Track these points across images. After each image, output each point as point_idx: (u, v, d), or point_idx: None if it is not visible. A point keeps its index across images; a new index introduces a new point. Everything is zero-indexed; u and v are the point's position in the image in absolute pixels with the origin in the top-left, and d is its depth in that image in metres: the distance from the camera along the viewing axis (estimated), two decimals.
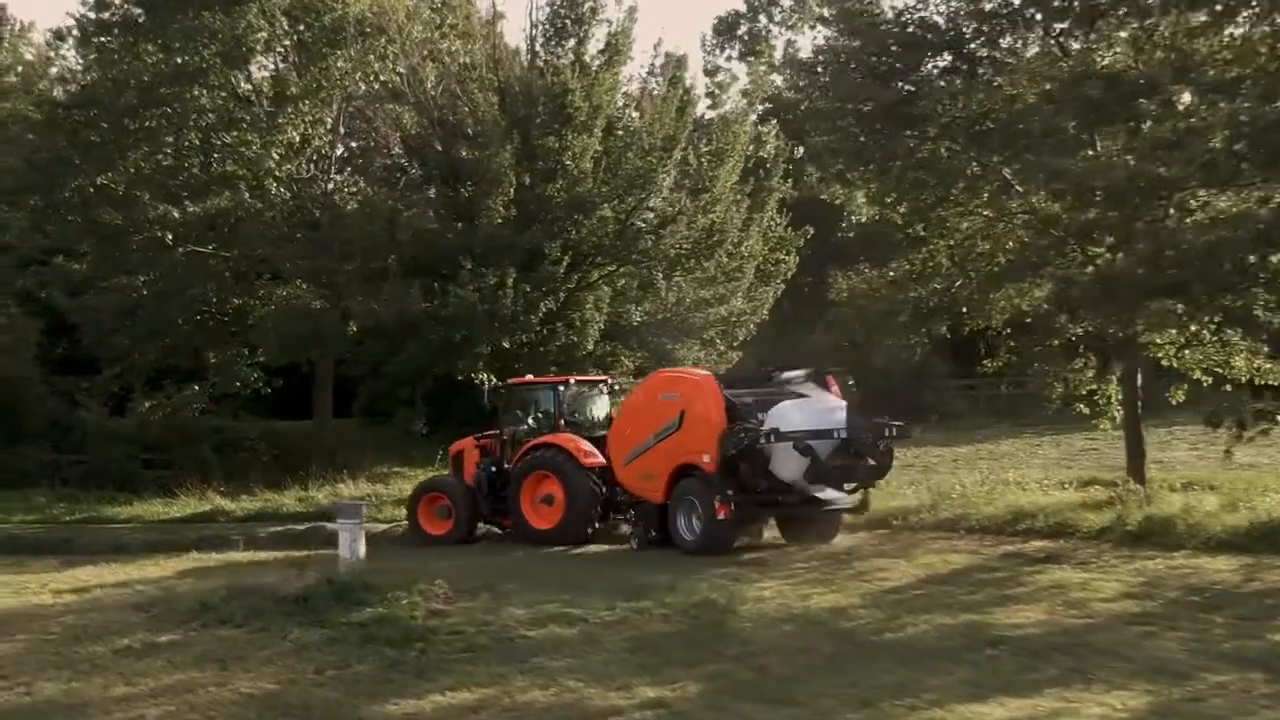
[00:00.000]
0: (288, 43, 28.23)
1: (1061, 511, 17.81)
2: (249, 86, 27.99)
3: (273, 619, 13.11)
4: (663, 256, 24.20)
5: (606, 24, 25.07)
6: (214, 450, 29.45)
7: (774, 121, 30.68)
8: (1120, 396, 18.11)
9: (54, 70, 41.07)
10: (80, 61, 36.02)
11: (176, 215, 26.63)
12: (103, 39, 28.83)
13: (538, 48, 25.30)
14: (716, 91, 29.66)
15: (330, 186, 27.65)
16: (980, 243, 18.16)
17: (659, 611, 13.05)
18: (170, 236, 27.53)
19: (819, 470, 16.14)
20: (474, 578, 14.84)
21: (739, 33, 39.45)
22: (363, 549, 15.14)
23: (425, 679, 10.95)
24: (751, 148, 26.14)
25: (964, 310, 18.70)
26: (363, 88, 27.73)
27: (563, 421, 19.08)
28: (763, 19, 39.98)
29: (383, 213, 24.63)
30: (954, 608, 12.73)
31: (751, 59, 38.87)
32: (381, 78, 27.92)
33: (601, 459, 18.31)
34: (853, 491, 17.29)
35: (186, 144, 28.51)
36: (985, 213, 17.82)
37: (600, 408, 20.18)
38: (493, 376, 26.14)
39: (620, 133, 24.53)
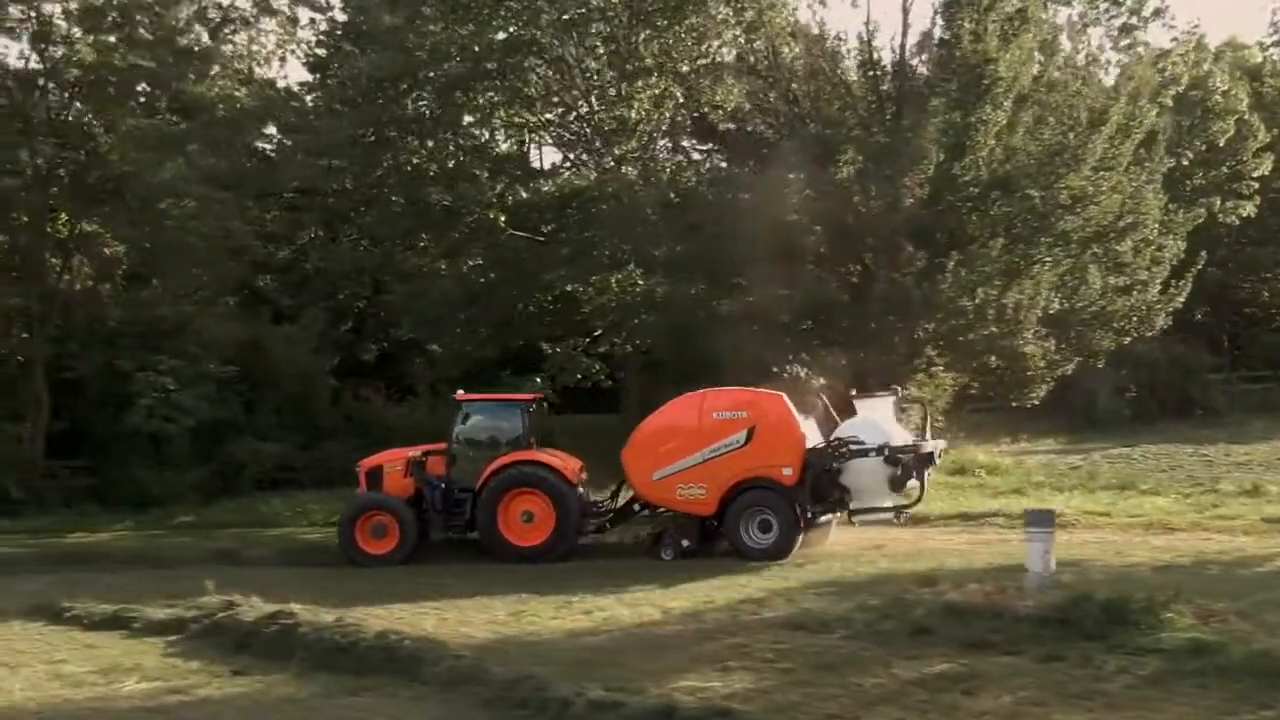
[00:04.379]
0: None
1: None
2: (588, 59, 26.08)
3: (1041, 644, 11.20)
4: (1081, 239, 22.29)
5: None
6: None
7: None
8: None
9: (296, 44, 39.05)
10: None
11: (524, 195, 24.76)
12: (422, 8, 26.96)
13: (936, 17, 23.37)
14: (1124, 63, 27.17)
15: (682, 164, 25.77)
16: None
17: None
18: (503, 218, 25.74)
19: (903, 480, 17.86)
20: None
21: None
22: (1054, 562, 13.24)
23: None
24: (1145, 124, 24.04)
25: None
26: (708, 59, 25.81)
27: (532, 440, 19.57)
28: None
29: (787, 192, 22.75)
30: None
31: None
32: (724, 50, 26.11)
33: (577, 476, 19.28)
34: None
35: (504, 121, 26.78)
36: None
37: (510, 428, 19.81)
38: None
39: (1036, 106, 22.60)
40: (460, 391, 20.63)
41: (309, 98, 36.01)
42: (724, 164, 30.08)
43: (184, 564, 19.47)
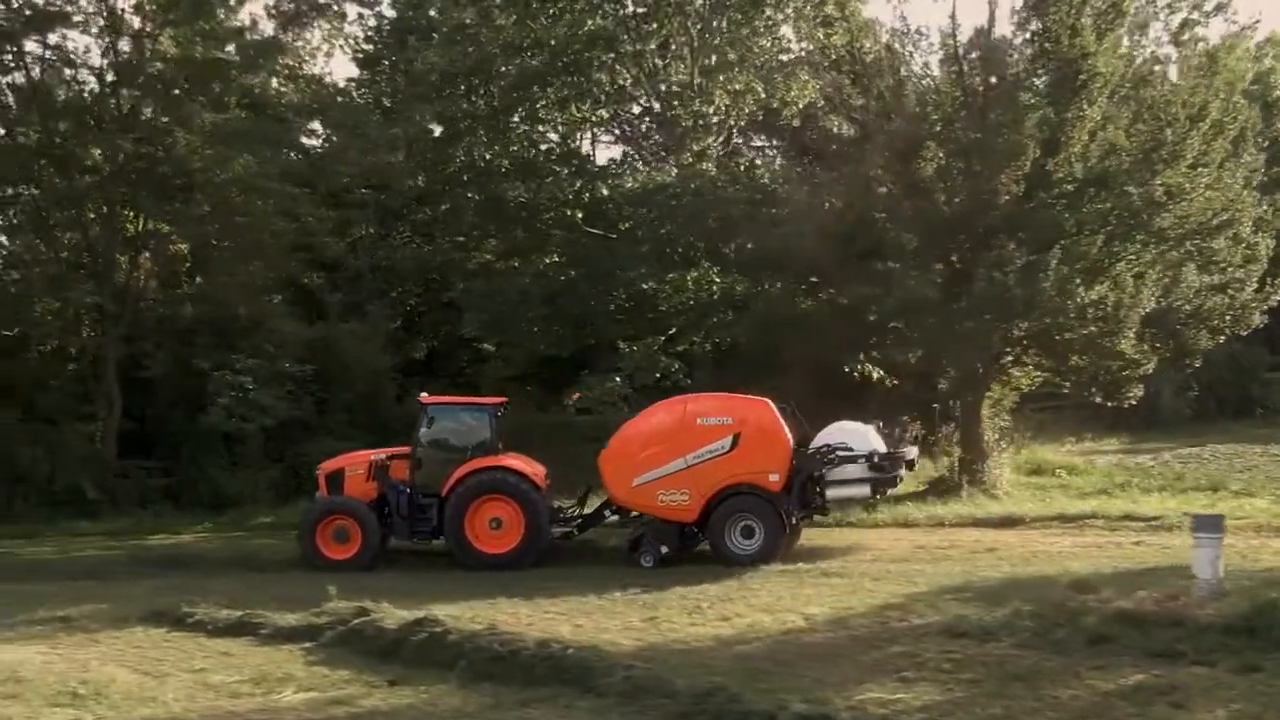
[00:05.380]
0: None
1: None
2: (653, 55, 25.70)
3: (1235, 655, 10.79)
4: (1176, 236, 21.91)
5: None
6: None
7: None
8: None
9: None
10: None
11: (605, 191, 24.42)
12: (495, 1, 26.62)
13: (1027, 11, 22.92)
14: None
15: (756, 160, 25.45)
16: None
17: None
18: (580, 215, 25.41)
19: (886, 486, 18.58)
20: None
21: None
22: (1223, 568, 12.90)
23: None
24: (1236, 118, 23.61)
25: None
26: (786, 54, 25.46)
27: (500, 445, 19.18)
28: None
29: (870, 189, 22.39)
30: None
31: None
32: (793, 44, 25.76)
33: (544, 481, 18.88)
34: None
35: (570, 117, 26.42)
36: None
37: (477, 433, 19.41)
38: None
39: (1131, 101, 22.23)
40: (425, 394, 20.36)
41: (356, 94, 35.70)
42: (782, 161, 29.77)
43: (280, 567, 19.20)
